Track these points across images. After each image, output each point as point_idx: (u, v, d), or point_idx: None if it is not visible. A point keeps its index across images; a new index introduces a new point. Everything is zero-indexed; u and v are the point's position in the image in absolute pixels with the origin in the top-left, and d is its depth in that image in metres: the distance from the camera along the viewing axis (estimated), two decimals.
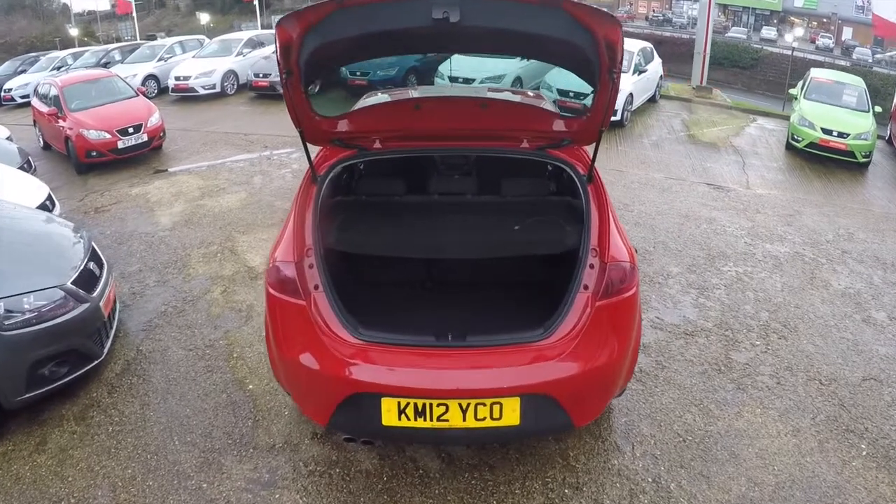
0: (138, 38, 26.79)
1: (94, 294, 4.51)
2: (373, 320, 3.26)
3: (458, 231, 3.88)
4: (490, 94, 4.01)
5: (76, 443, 3.94)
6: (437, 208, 4.10)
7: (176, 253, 6.82)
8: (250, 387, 4.35)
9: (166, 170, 10.54)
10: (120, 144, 10.88)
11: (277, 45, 2.98)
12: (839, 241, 7.62)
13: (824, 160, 11.85)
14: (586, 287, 3.14)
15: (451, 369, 3.01)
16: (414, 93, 3.85)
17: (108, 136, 10.78)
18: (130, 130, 10.98)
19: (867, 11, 45.15)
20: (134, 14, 32.68)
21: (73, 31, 32.95)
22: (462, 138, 3.71)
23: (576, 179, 3.52)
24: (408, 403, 2.96)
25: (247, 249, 6.78)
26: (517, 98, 4.70)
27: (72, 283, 4.37)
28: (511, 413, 2.97)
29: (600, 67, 3.08)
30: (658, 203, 8.57)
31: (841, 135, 11.89)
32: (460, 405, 2.96)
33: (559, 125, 3.68)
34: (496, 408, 2.97)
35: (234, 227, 7.51)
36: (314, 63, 3.16)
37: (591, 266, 3.18)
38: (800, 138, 12.17)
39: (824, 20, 49.13)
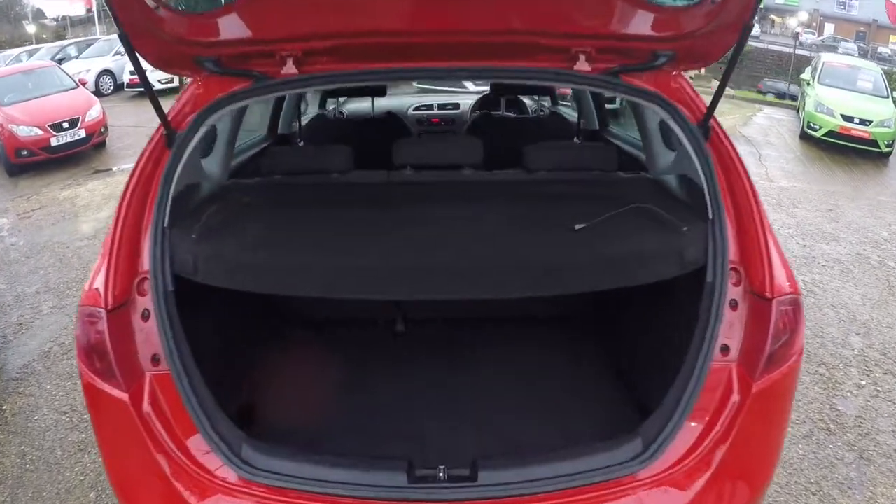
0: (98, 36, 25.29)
1: None
2: (279, 431, 1.88)
3: (456, 244, 1.91)
4: None
5: None
6: (411, 197, 2.19)
7: (87, 269, 5.38)
8: None
9: (109, 169, 9.45)
10: (53, 141, 9.65)
11: None
12: None
13: (843, 149, 10.94)
14: (726, 350, 1.69)
15: None
16: None
17: (39, 132, 9.55)
18: (65, 125, 9.75)
19: (849, 7, 44.81)
20: (94, 11, 31.02)
21: (31, 28, 31.13)
22: (456, 52, 1.90)
23: (681, 133, 1.86)
24: None
25: None
26: None
27: None
28: None
29: None
30: None
31: (863, 122, 11.00)
32: None
33: (645, 23, 1.81)
34: None
35: None
36: None
37: (733, 304, 1.72)
38: (817, 126, 11.25)
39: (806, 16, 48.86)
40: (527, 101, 4.72)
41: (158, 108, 1.81)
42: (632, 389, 2.23)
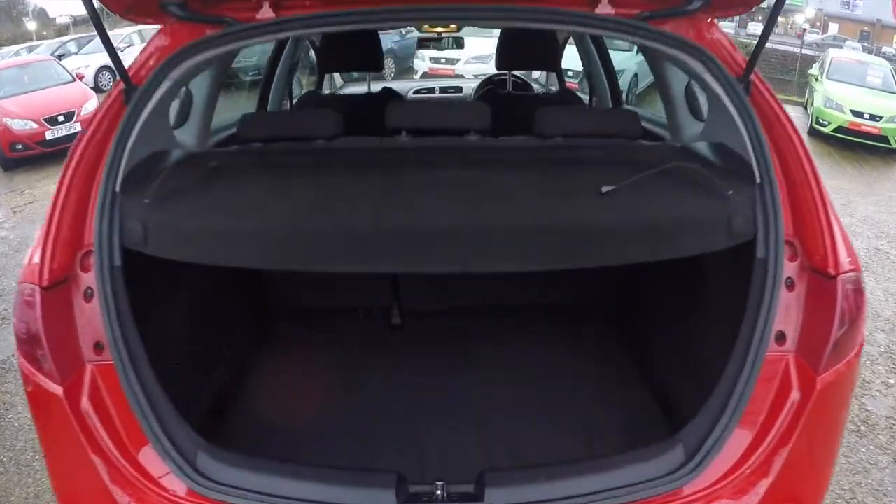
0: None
1: None
2: (254, 436, 1.68)
3: (460, 205, 1.56)
4: None
5: None
6: (407, 161, 1.83)
7: None
8: None
9: None
10: (48, 135, 9.54)
11: None
12: None
13: (853, 145, 10.81)
14: (781, 338, 1.46)
15: None
16: None
17: (34, 125, 9.44)
18: (60, 119, 9.65)
19: (853, 7, 44.70)
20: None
21: (31, 26, 31.31)
22: None
23: (719, 88, 1.58)
24: None
25: None
26: None
27: None
28: None
29: None
30: None
31: (873, 117, 10.85)
32: None
33: None
34: None
35: None
36: None
37: (789, 284, 1.49)
38: (826, 122, 11.09)
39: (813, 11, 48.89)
40: (534, 86, 4.54)
41: (116, 60, 1.57)
42: (659, 387, 2.01)
